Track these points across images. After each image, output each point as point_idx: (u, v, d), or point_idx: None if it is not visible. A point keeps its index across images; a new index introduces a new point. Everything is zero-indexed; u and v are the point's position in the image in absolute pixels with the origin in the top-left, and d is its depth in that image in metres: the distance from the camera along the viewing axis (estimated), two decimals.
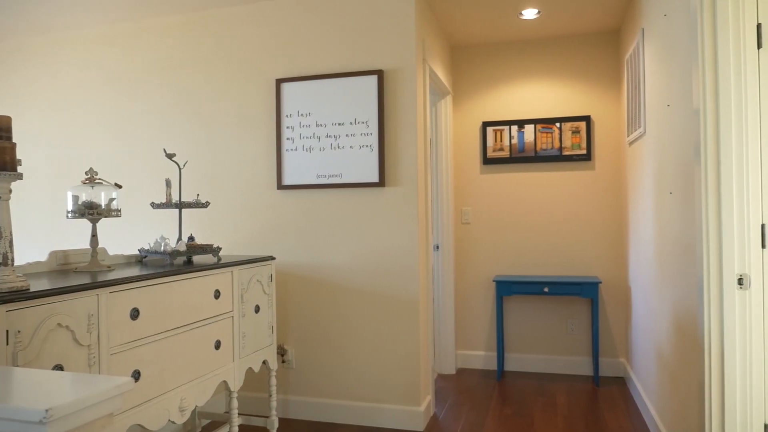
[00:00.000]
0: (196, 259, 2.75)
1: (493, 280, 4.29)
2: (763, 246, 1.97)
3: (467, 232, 4.59)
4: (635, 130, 3.57)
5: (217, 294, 2.49)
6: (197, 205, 2.71)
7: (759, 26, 1.97)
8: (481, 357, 4.55)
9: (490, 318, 4.54)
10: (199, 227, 3.65)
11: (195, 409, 3.13)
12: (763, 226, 1.97)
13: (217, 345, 2.48)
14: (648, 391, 3.35)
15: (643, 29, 3.31)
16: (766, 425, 1.98)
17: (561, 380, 4.20)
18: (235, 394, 2.65)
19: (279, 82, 3.47)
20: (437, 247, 4.43)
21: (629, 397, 3.80)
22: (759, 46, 1.97)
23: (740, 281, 2.00)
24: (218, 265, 2.51)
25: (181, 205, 2.65)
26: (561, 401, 3.73)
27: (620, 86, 4.25)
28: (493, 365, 4.52)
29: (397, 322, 3.29)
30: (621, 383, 4.12)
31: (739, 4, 2.00)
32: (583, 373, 4.34)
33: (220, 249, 2.71)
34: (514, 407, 3.63)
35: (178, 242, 2.59)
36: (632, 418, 3.41)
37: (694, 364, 2.29)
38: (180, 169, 2.80)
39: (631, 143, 3.80)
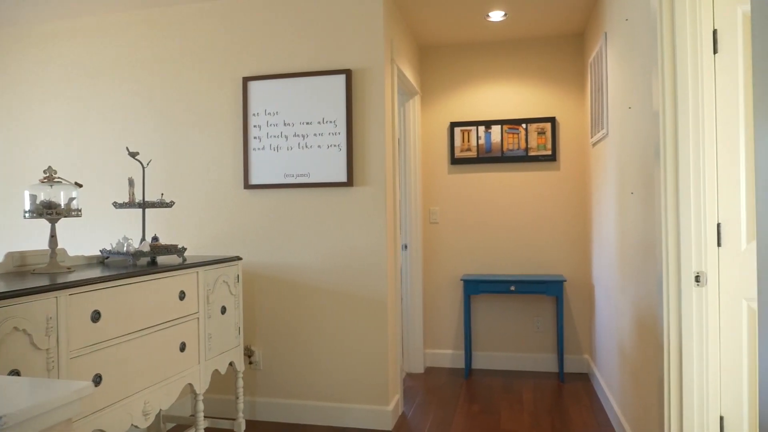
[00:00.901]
0: (161, 259, 2.70)
1: (461, 279, 4.33)
2: (719, 244, 2.04)
3: (435, 231, 4.62)
4: (598, 132, 3.65)
5: (182, 295, 2.45)
6: (161, 204, 2.66)
7: (715, 32, 2.03)
8: (449, 355, 4.59)
9: (457, 317, 4.58)
10: (164, 227, 3.58)
11: (159, 413, 3.07)
12: (719, 225, 2.04)
13: (182, 347, 2.44)
14: (611, 386, 3.43)
15: (605, 33, 3.39)
16: (721, 417, 2.04)
17: (527, 377, 4.27)
18: (200, 397, 2.61)
19: (246, 80, 3.43)
20: (405, 247, 4.45)
21: (593, 393, 3.88)
22: (715, 51, 2.03)
23: (697, 279, 2.06)
24: (183, 266, 2.47)
25: (144, 205, 2.59)
26: (527, 398, 3.79)
27: (584, 88, 4.34)
28: (461, 363, 4.56)
29: (365, 322, 3.29)
30: (585, 379, 4.21)
31: (696, 11, 2.06)
32: (548, 370, 4.42)
33: (185, 249, 2.67)
34: (482, 404, 3.67)
35: (141, 243, 2.54)
36: (596, 413, 3.48)
37: (654, 360, 2.36)
38: (143, 168, 2.75)
39: (594, 144, 3.89)
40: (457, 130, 4.54)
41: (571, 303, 4.41)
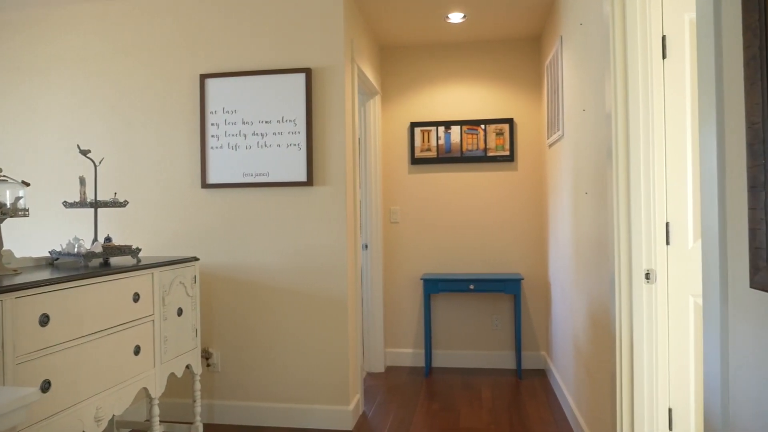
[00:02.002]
0: (114, 260, 2.62)
1: (421, 279, 4.36)
2: (668, 243, 2.11)
3: (395, 231, 4.64)
4: (554, 133, 3.73)
5: (136, 297, 2.38)
6: (114, 204, 2.58)
7: (664, 38, 2.11)
8: (410, 354, 4.61)
9: (418, 316, 4.61)
10: (117, 228, 3.48)
11: (113, 419, 2.98)
12: (667, 224, 2.11)
13: (137, 350, 2.38)
14: (566, 381, 3.51)
15: (561, 37, 3.47)
16: (670, 409, 2.12)
17: (486, 374, 4.33)
18: (156, 401, 2.55)
19: (203, 77, 3.36)
20: (366, 247, 4.45)
21: (549, 389, 3.97)
22: (664, 56, 2.11)
23: (647, 276, 2.13)
24: (137, 267, 2.40)
25: (96, 205, 2.52)
26: (486, 395, 3.85)
27: (541, 90, 4.43)
28: (421, 362, 4.59)
29: (325, 322, 3.27)
30: (542, 375, 4.30)
31: (646, 17, 2.13)
32: (507, 366, 4.49)
33: (140, 250, 2.60)
34: (442, 402, 3.71)
35: (93, 243, 2.46)
36: (552, 408, 3.56)
37: (607, 355, 2.43)
38: (95, 166, 2.66)
39: (551, 145, 3.97)
40: (417, 130, 4.57)
41: (528, 301, 4.50)
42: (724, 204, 1.26)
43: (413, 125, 4.57)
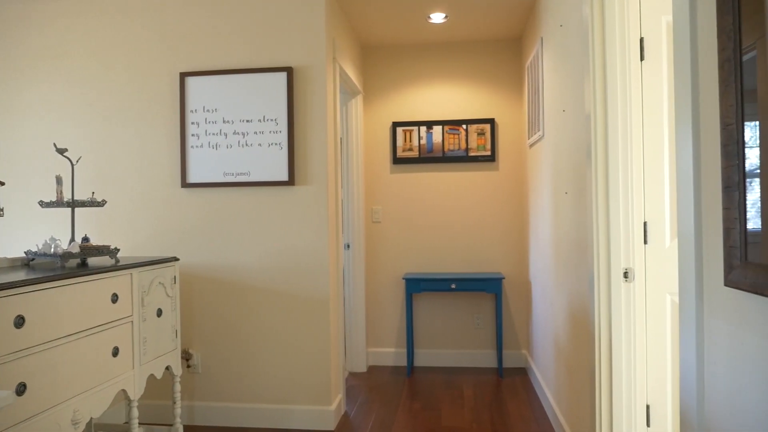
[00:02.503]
0: (92, 261, 2.58)
1: (403, 278, 4.36)
2: (646, 242, 2.14)
3: (378, 230, 4.64)
4: (535, 133, 3.76)
5: (114, 298, 2.35)
6: (92, 203, 2.55)
7: (642, 40, 2.14)
8: (392, 354, 4.62)
9: (400, 315, 4.61)
10: (95, 228, 3.43)
11: (91, 421, 2.94)
12: (645, 223, 2.14)
13: (115, 352, 2.34)
14: (547, 379, 3.55)
15: (542, 38, 3.50)
16: (648, 406, 2.15)
17: (468, 373, 4.35)
18: (135, 403, 2.52)
19: (183, 75, 3.33)
20: (348, 246, 4.44)
21: (530, 387, 4.00)
22: (642, 58, 2.14)
23: (626, 275, 2.16)
24: (116, 268, 2.37)
25: (73, 204, 2.48)
26: (468, 394, 3.87)
27: (522, 91, 4.47)
28: (403, 362, 4.60)
29: (307, 322, 3.26)
30: (523, 374, 4.33)
31: (624, 20, 2.16)
32: (488, 365, 4.52)
33: (118, 250, 2.56)
34: (423, 401, 3.72)
35: (70, 244, 2.42)
36: (533, 407, 3.59)
37: (586, 352, 2.46)
38: (72, 165, 2.62)
39: (531, 145, 4.01)
40: (399, 130, 4.57)
41: (509, 300, 4.53)
42: (699, 204, 1.29)
43: (395, 125, 4.58)
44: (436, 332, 4.58)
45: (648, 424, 2.14)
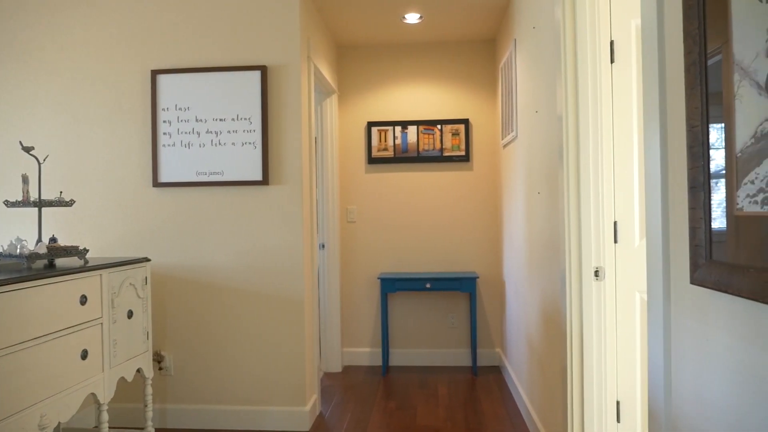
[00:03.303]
0: (60, 262, 2.53)
1: (378, 278, 4.37)
2: (616, 241, 2.18)
3: (353, 230, 4.63)
4: (509, 134, 3.80)
5: (83, 300, 2.30)
6: (59, 203, 2.49)
7: (612, 43, 2.18)
8: (367, 354, 4.62)
9: (375, 315, 4.62)
10: (64, 228, 3.35)
11: (59, 426, 2.87)
12: (615, 223, 2.18)
13: (84, 355, 2.30)
14: (520, 377, 3.59)
15: (515, 40, 3.54)
16: (618, 402, 2.19)
17: (443, 372, 4.38)
18: (105, 407, 2.47)
19: (155, 73, 3.28)
20: (323, 246, 4.43)
21: (504, 385, 4.04)
22: (612, 60, 2.18)
23: (596, 273, 2.20)
24: (85, 269, 2.32)
25: (40, 204, 2.42)
26: (442, 392, 3.89)
27: (496, 92, 4.51)
28: (378, 361, 4.60)
29: (281, 322, 3.24)
30: (497, 372, 4.37)
31: (595, 23, 2.20)
32: (463, 364, 4.55)
33: (87, 251, 2.51)
34: (398, 401, 3.73)
35: (37, 244, 2.36)
36: (506, 404, 3.63)
37: (558, 350, 2.49)
38: (39, 163, 2.56)
39: (505, 146, 4.05)
40: (374, 129, 4.57)
41: (483, 299, 4.57)
42: (666, 204, 1.32)
43: (370, 125, 4.58)
44: (411, 332, 4.60)
45: (618, 420, 2.19)
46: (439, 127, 4.53)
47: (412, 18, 3.98)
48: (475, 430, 3.20)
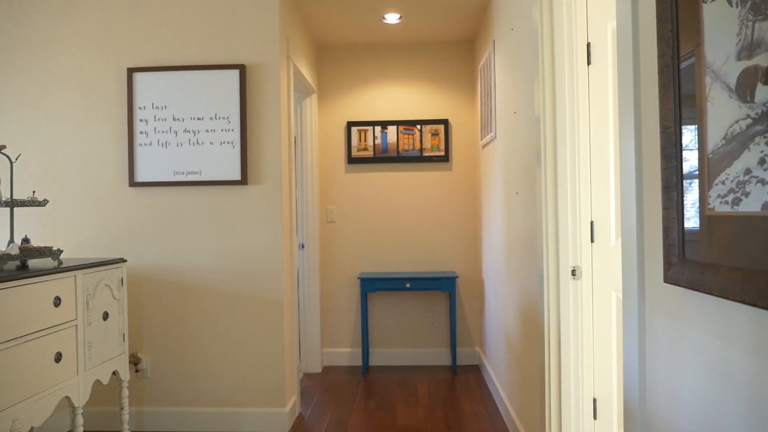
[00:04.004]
0: (33, 263, 2.47)
1: (358, 278, 4.36)
2: (592, 241, 2.21)
3: (332, 230, 4.62)
4: (488, 134, 3.83)
5: (57, 301, 2.26)
6: (32, 203, 2.44)
7: (589, 45, 2.20)
8: (347, 354, 4.61)
9: (355, 315, 4.61)
10: (37, 228, 3.29)
11: (31, 430, 2.81)
12: (592, 222, 2.21)
13: (58, 357, 2.25)
14: (499, 376, 3.61)
15: (494, 41, 3.56)
16: (594, 399, 2.22)
17: (422, 371, 4.39)
18: (80, 410, 2.43)
19: (131, 71, 3.23)
20: (302, 246, 4.41)
21: (483, 384, 4.07)
22: (589, 62, 2.21)
23: (573, 272, 2.23)
24: (58, 270, 2.28)
25: (12, 204, 2.37)
26: (422, 391, 3.90)
27: (475, 92, 4.54)
28: (358, 361, 4.60)
29: (260, 323, 3.22)
30: (476, 371, 4.40)
31: (572, 25, 2.22)
32: (442, 363, 4.57)
33: (61, 252, 2.47)
34: (378, 401, 3.73)
35: (9, 245, 2.31)
36: (485, 403, 3.66)
37: (536, 348, 2.52)
38: (11, 162, 2.50)
39: (484, 146, 4.08)
40: (354, 129, 4.57)
41: (463, 298, 4.60)
42: (641, 204, 1.34)
43: (350, 124, 4.57)
44: (391, 331, 4.60)
45: (595, 417, 2.22)
46: (418, 127, 4.54)
47: (392, 18, 3.99)
48: (455, 429, 3.22)
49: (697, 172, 1.07)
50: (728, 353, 1.00)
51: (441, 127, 4.54)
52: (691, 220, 1.09)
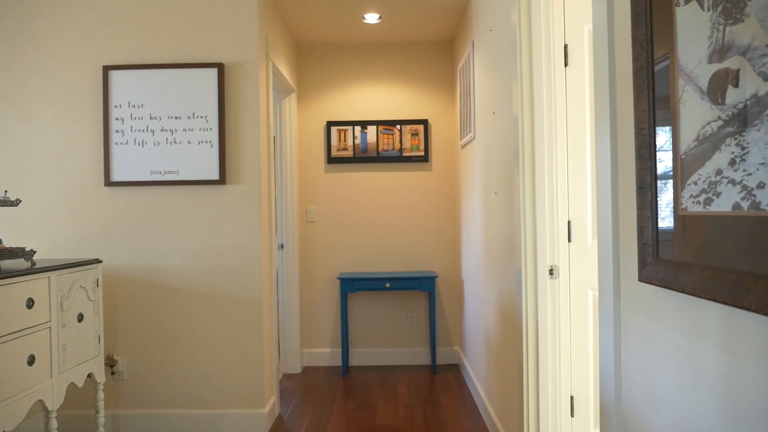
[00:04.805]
0: (5, 264, 2.42)
1: (338, 278, 4.36)
2: (569, 240, 2.24)
3: (312, 230, 4.61)
4: (467, 135, 3.85)
5: (30, 303, 2.21)
6: (5, 203, 2.39)
7: (566, 46, 2.23)
8: (327, 354, 4.60)
9: (334, 315, 4.60)
10: (9, 229, 3.22)
11: None
12: (569, 222, 2.24)
13: (31, 360, 2.21)
14: (478, 375, 3.64)
15: (473, 41, 3.59)
16: (572, 397, 2.25)
17: (402, 371, 4.40)
18: (53, 414, 2.38)
19: (107, 69, 3.18)
20: (282, 246, 4.38)
21: (462, 383, 4.09)
22: (566, 64, 2.23)
23: (551, 272, 2.25)
24: (31, 271, 2.23)
25: None
26: (402, 391, 3.91)
27: (454, 93, 4.56)
28: (338, 362, 4.59)
29: (239, 324, 3.20)
30: (456, 370, 4.42)
31: (550, 26, 2.25)
32: (422, 362, 4.59)
33: (35, 253, 2.42)
34: (358, 401, 3.73)
35: None
36: (465, 401, 3.68)
37: (514, 347, 2.54)
38: None
39: (463, 146, 4.10)
40: (334, 129, 4.56)
41: (442, 298, 4.62)
42: (617, 204, 1.36)
43: (330, 124, 4.56)
44: (371, 331, 4.60)
45: (572, 414, 2.24)
46: (398, 127, 4.55)
47: (372, 18, 3.99)
48: (435, 428, 3.23)
49: (671, 173, 1.09)
50: (701, 351, 1.02)
51: (420, 128, 4.56)
52: (665, 220, 1.11)
